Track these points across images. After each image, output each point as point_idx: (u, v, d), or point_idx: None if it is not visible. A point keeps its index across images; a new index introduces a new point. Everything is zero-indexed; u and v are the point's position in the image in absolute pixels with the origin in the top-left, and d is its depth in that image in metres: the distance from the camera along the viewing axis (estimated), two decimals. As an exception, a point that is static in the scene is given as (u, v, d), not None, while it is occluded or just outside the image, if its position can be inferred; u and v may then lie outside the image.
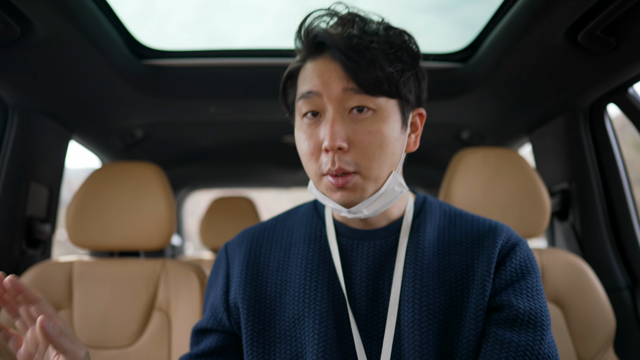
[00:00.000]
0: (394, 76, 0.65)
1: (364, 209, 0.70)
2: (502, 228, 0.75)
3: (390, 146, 0.68)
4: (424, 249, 0.73)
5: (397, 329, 0.68)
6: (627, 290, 1.34)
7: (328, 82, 0.66)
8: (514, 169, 1.29)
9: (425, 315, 0.67)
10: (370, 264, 0.72)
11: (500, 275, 0.69)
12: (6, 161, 1.38)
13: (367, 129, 0.66)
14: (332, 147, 0.64)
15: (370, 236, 0.75)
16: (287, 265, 0.76)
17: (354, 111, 0.66)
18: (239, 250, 0.80)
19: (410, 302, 0.68)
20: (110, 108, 1.58)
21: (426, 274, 0.71)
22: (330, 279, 0.73)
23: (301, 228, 0.80)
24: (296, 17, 0.75)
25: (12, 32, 1.03)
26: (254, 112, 1.67)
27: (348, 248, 0.75)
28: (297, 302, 0.72)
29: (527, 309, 0.66)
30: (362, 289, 0.71)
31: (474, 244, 0.73)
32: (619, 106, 1.37)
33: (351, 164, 0.66)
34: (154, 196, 1.29)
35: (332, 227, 0.77)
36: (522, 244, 0.73)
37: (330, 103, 0.66)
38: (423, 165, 2.47)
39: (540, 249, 1.27)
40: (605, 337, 1.16)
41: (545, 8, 1.04)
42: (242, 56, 1.47)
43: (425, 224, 0.76)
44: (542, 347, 0.63)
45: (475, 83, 1.46)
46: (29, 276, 1.22)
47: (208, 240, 2.55)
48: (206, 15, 1.78)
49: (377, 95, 0.66)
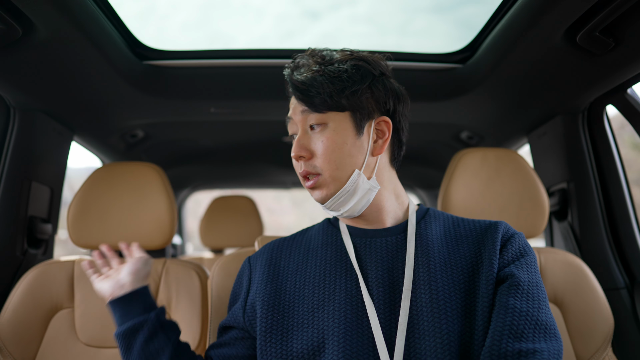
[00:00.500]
0: (334, 95, 0.80)
1: (342, 207, 0.83)
2: (501, 223, 0.85)
3: (345, 150, 0.81)
4: (433, 242, 0.83)
5: (415, 311, 0.74)
6: (625, 289, 1.35)
7: (295, 109, 0.86)
8: (513, 169, 1.30)
9: (442, 297, 0.74)
10: (385, 257, 0.82)
11: (504, 256, 0.79)
12: (8, 161, 1.38)
13: (322, 140, 0.81)
14: (295, 157, 0.83)
15: (381, 234, 0.85)
16: (306, 266, 0.86)
17: (312, 127, 0.83)
18: (260, 258, 0.91)
19: (425, 286, 0.76)
20: (111, 108, 1.59)
21: (438, 261, 0.79)
22: (347, 273, 0.81)
23: (318, 237, 0.91)
24: (296, 18, 0.79)
25: (14, 33, 1.04)
26: (254, 112, 1.68)
27: (362, 245, 0.85)
28: (316, 294, 0.80)
29: (527, 280, 0.75)
30: (379, 279, 0.79)
31: (479, 237, 0.83)
32: (617, 107, 1.38)
33: (315, 168, 0.82)
34: (154, 196, 1.30)
35: (346, 230, 0.88)
36: (519, 234, 0.84)
37: (297, 124, 0.85)
38: (423, 165, 2.48)
39: (539, 249, 1.27)
40: (603, 337, 1.16)
41: (544, 9, 1.05)
42: (243, 57, 1.47)
43: (431, 224, 0.87)
44: (540, 315, 0.71)
45: (474, 83, 1.47)
46: (30, 276, 1.22)
47: (208, 239, 2.55)
48: (206, 16, 1.78)
49: (325, 111, 0.81)
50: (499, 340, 0.68)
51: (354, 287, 0.79)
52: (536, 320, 0.70)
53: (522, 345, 0.67)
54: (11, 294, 1.20)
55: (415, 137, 2.02)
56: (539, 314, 0.71)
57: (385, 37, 1.90)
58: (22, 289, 1.20)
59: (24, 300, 1.19)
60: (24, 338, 1.17)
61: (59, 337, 1.19)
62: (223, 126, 1.87)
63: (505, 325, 0.69)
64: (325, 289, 0.80)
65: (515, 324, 0.69)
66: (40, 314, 1.20)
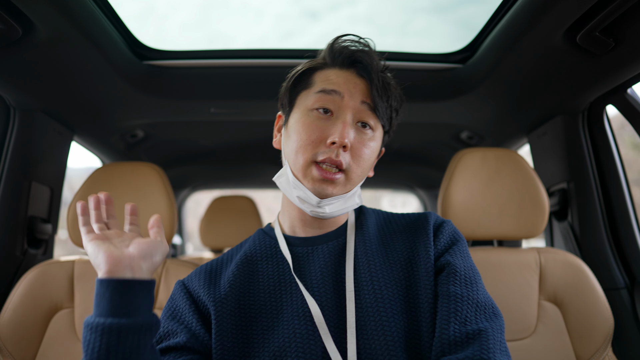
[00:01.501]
0: (392, 110, 0.82)
1: (327, 207, 0.80)
2: (430, 213, 0.88)
3: (370, 161, 0.82)
4: (370, 241, 0.83)
5: (362, 312, 0.74)
6: (625, 289, 1.35)
7: (352, 91, 0.79)
8: (513, 169, 1.30)
9: (386, 295, 0.75)
10: (329, 263, 0.81)
11: (437, 245, 0.81)
12: (8, 161, 1.38)
13: (364, 141, 0.80)
14: (342, 143, 0.75)
15: (323, 240, 0.85)
16: (250, 285, 0.82)
17: (359, 124, 0.80)
18: (196, 281, 0.84)
19: (368, 285, 0.76)
20: (111, 108, 1.59)
21: (377, 260, 0.80)
22: (291, 286, 0.79)
23: (256, 248, 0.88)
24: (295, 18, 0.79)
25: (14, 33, 1.04)
26: (254, 112, 1.68)
27: (304, 255, 0.83)
28: (265, 315, 0.78)
29: (462, 265, 0.78)
30: (326, 286, 0.78)
31: (411, 229, 0.85)
32: (617, 107, 1.38)
33: (346, 161, 0.77)
34: (154, 196, 1.30)
35: (284, 241, 0.86)
36: (447, 222, 0.87)
37: (348, 108, 0.79)
38: (423, 165, 2.48)
39: (539, 249, 1.27)
40: (603, 337, 1.17)
41: (544, 9, 1.05)
42: (243, 57, 1.47)
43: (367, 222, 0.88)
44: (478, 296, 0.75)
45: (474, 83, 1.47)
46: (30, 276, 1.22)
47: (208, 239, 2.55)
48: (206, 16, 1.78)
49: (380, 119, 0.81)
50: (447, 328, 0.70)
51: (300, 300, 0.77)
52: (476, 303, 0.74)
53: (467, 328, 0.70)
54: (11, 294, 1.20)
55: (415, 137, 2.02)
56: (477, 296, 0.75)
57: (385, 37, 1.90)
58: (22, 289, 1.20)
59: (24, 300, 1.19)
60: (24, 338, 1.17)
61: (59, 337, 1.19)
62: (223, 126, 1.87)
63: (450, 312, 0.72)
64: (273, 308, 0.78)
65: (459, 310, 0.72)
66: (40, 314, 1.20)
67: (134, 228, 0.76)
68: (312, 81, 0.83)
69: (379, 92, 0.79)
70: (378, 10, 0.73)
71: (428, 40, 2.86)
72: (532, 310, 1.20)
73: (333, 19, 3.23)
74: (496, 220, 1.27)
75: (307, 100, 0.81)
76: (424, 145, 2.14)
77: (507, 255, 1.25)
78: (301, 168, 0.79)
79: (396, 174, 2.77)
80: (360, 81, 0.80)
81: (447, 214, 1.29)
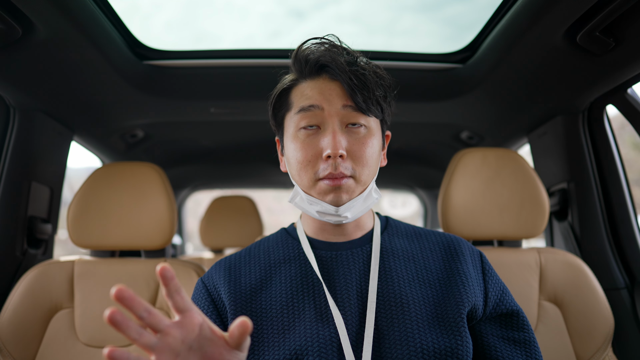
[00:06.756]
0: (379, 100, 0.78)
1: (348, 213, 0.79)
2: (462, 241, 0.88)
3: (375, 158, 0.81)
4: (398, 253, 0.83)
5: (384, 322, 0.74)
6: (625, 289, 1.35)
7: (329, 99, 0.77)
8: (513, 169, 1.30)
9: (412, 309, 0.75)
10: (353, 270, 0.80)
11: (489, 291, 0.82)
12: (7, 161, 1.38)
13: (361, 141, 0.78)
14: (336, 155, 0.74)
15: (347, 246, 0.84)
16: (270, 284, 0.81)
17: (350, 126, 0.78)
18: (217, 277, 0.84)
19: (395, 299, 0.76)
20: (111, 108, 1.59)
21: (405, 272, 0.80)
22: (315, 289, 0.78)
23: (277, 250, 0.86)
24: (281, 17, 0.79)
25: (14, 33, 1.04)
26: (254, 112, 1.68)
27: (329, 259, 0.82)
28: (285, 314, 0.76)
29: (518, 308, 0.82)
30: (350, 293, 0.77)
31: (446, 250, 0.85)
32: (617, 107, 1.38)
33: (348, 169, 0.77)
34: (154, 196, 1.30)
35: (308, 244, 0.84)
36: (483, 255, 0.88)
37: (331, 117, 0.77)
38: (423, 165, 2.48)
39: (539, 249, 1.27)
40: (603, 337, 1.17)
41: (544, 9, 1.05)
42: (243, 57, 1.47)
43: (394, 235, 0.88)
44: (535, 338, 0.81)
45: (474, 83, 1.47)
46: (30, 276, 1.22)
47: (208, 239, 2.55)
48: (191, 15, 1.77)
49: (368, 115, 0.78)
50: None
51: (323, 304, 0.76)
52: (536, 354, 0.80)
53: None
54: (11, 294, 1.20)
55: (415, 137, 2.02)
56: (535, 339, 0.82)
57: (373, 36, 1.89)
58: (22, 289, 1.20)
59: (24, 300, 1.19)
60: (23, 338, 1.16)
61: (59, 337, 1.19)
62: (223, 126, 1.87)
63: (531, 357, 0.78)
64: (295, 308, 0.76)
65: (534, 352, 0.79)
66: (40, 314, 1.20)
67: None
68: (290, 101, 0.82)
69: (355, 90, 0.76)
70: (363, 9, 0.73)
71: (428, 40, 2.85)
72: (533, 310, 1.20)
73: (318, 18, 3.21)
74: (496, 220, 1.27)
75: (292, 121, 0.81)
76: (424, 145, 2.14)
77: (507, 255, 1.25)
78: (309, 186, 0.80)
79: (396, 174, 2.77)
80: (335, 85, 0.78)
81: (447, 214, 1.29)
